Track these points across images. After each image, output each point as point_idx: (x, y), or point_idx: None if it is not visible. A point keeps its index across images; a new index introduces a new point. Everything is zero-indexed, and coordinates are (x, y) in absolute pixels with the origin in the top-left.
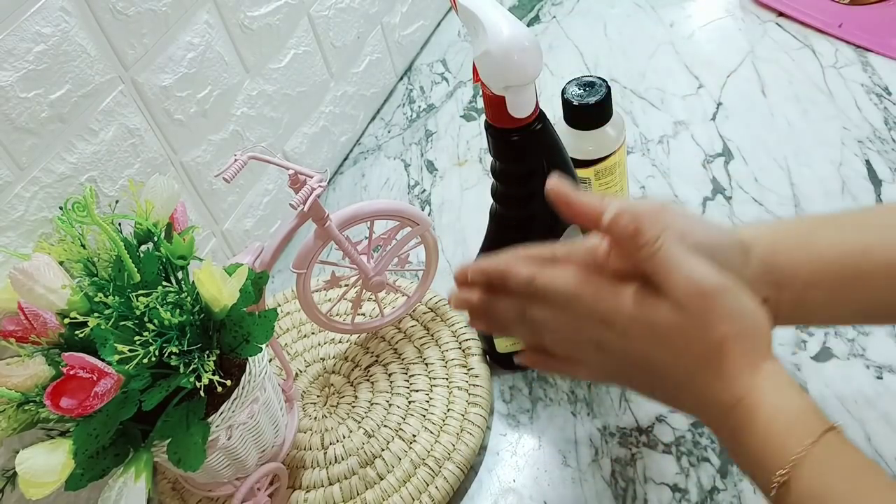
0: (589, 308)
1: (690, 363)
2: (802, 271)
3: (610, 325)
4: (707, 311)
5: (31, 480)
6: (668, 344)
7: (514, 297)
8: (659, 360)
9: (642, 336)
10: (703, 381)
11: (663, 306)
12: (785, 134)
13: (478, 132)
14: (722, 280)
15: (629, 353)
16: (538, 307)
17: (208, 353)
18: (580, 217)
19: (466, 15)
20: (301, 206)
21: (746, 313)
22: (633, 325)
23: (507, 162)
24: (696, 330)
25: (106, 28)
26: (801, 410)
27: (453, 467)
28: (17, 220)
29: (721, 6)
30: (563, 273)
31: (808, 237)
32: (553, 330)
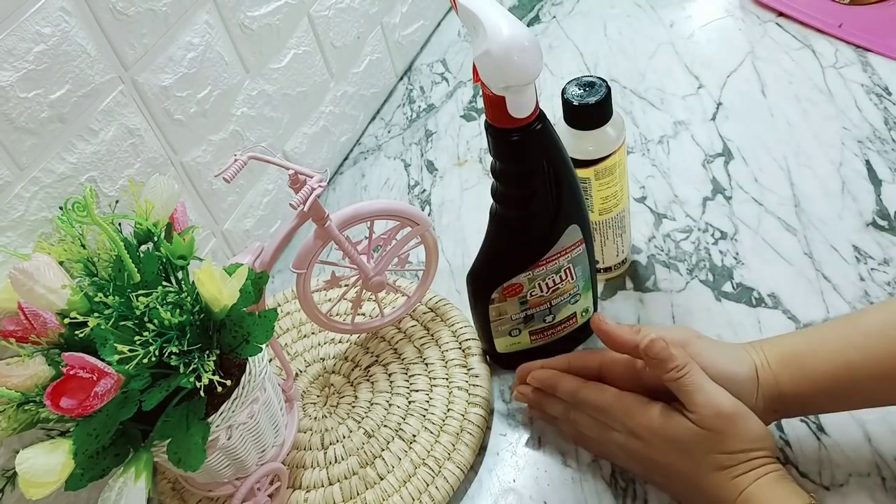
0: (620, 421)
1: (705, 471)
2: (805, 393)
3: (636, 436)
4: (723, 431)
5: (31, 480)
6: (687, 454)
7: (561, 401)
8: (677, 467)
9: (664, 447)
10: (715, 485)
11: (685, 423)
12: (785, 134)
13: (478, 132)
14: (735, 405)
15: (651, 459)
16: (579, 413)
17: (208, 353)
18: (621, 346)
19: (466, 15)
20: (301, 206)
21: (755, 434)
22: (656, 438)
23: (507, 162)
24: (714, 444)
25: (106, 28)
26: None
27: (453, 467)
28: (17, 220)
29: (721, 6)
30: (601, 390)
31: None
32: (589, 430)
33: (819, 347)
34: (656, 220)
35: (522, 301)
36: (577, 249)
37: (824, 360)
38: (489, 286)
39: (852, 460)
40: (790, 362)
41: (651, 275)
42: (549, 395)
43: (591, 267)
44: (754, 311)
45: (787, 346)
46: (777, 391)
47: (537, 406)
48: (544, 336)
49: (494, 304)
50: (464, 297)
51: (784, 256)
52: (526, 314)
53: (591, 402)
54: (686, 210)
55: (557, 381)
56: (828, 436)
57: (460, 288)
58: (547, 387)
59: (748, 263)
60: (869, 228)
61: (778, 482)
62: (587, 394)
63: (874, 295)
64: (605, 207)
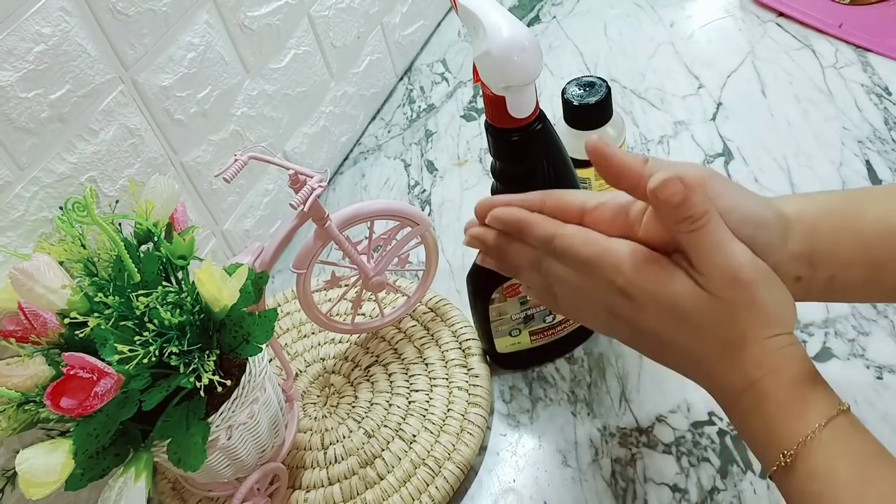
0: (608, 277)
1: (709, 348)
2: (842, 250)
3: (628, 297)
4: (737, 302)
5: (31, 480)
6: (688, 327)
7: (530, 248)
8: (675, 339)
9: (661, 315)
10: (719, 366)
11: (691, 286)
12: (785, 134)
13: (478, 132)
14: (757, 270)
15: (642, 326)
16: (555, 263)
17: (208, 353)
18: (622, 179)
19: (466, 15)
20: (301, 206)
21: (774, 304)
22: (652, 303)
23: (507, 162)
24: (722, 318)
25: (106, 28)
26: (814, 393)
27: (453, 467)
28: (17, 220)
29: (721, 6)
30: (585, 236)
31: (847, 218)
32: (566, 285)
33: (866, 202)
34: None
35: (522, 301)
36: None
37: (873, 217)
38: (489, 286)
39: None
40: (832, 212)
41: None
42: (514, 240)
43: None
44: None
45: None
46: (811, 246)
47: (496, 253)
48: (544, 336)
49: (494, 304)
50: (464, 297)
51: None
52: (526, 314)
53: (573, 253)
54: None
55: (529, 222)
56: None
57: (460, 288)
58: (514, 229)
59: None
60: None
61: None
62: (568, 240)
63: None
64: None
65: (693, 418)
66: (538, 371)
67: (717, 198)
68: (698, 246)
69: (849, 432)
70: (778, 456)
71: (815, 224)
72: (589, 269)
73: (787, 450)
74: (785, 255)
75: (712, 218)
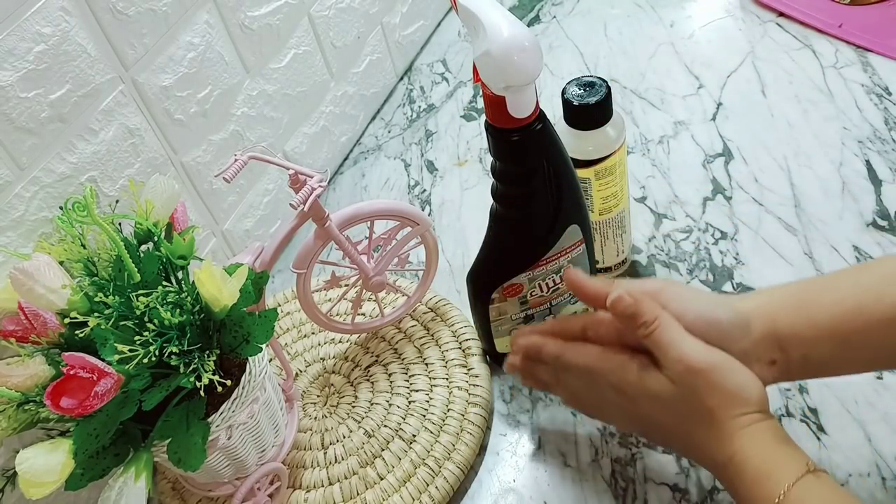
0: (605, 379)
1: (688, 427)
2: (804, 335)
3: (622, 392)
4: (697, 386)
5: (31, 480)
6: (669, 411)
7: (549, 366)
8: (663, 422)
9: (648, 404)
10: (701, 443)
11: (662, 380)
12: (785, 134)
13: (478, 132)
14: (710, 358)
15: (640, 415)
16: (567, 374)
17: (208, 353)
18: (591, 299)
19: (466, 15)
20: (301, 206)
21: (733, 387)
22: (639, 395)
23: (508, 162)
24: (690, 401)
25: (106, 28)
26: (785, 459)
27: (453, 467)
28: (17, 220)
29: (721, 6)
30: (584, 350)
31: (804, 304)
32: (581, 391)
33: (823, 288)
34: (656, 220)
35: (522, 301)
36: (577, 249)
37: (830, 300)
38: (489, 286)
39: (852, 460)
40: (789, 302)
41: (651, 275)
42: (536, 362)
43: (592, 267)
44: None
45: (786, 289)
46: (774, 333)
47: (529, 375)
48: None
49: (494, 304)
50: (464, 297)
51: (784, 256)
52: (526, 314)
53: (575, 364)
54: (686, 210)
55: (541, 345)
56: (828, 435)
57: (460, 288)
58: (532, 353)
59: (748, 263)
60: (869, 229)
61: (773, 442)
62: (570, 355)
63: None
64: (605, 207)
65: None
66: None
67: (671, 302)
68: (656, 345)
69: (816, 489)
70: None
71: (773, 314)
72: (590, 376)
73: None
74: (749, 342)
75: (663, 321)
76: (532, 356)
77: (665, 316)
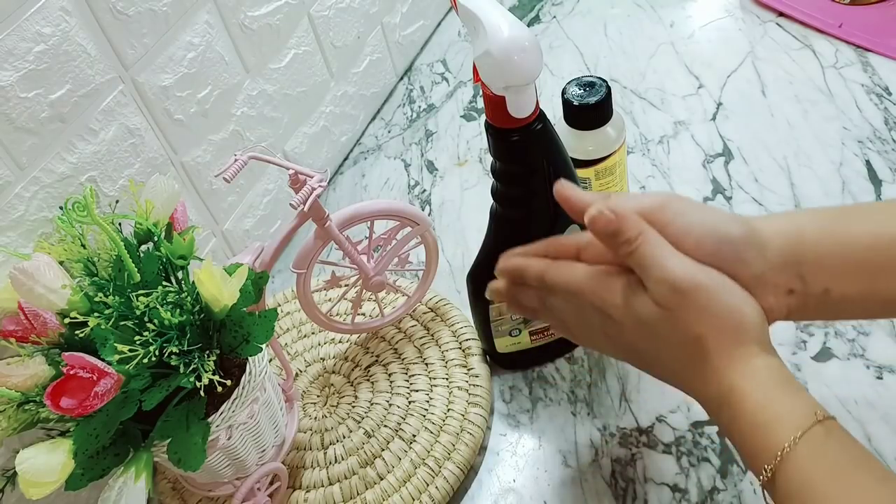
0: (590, 301)
1: (676, 355)
2: (831, 261)
3: (608, 316)
4: (683, 309)
5: (31, 480)
6: (654, 337)
7: (534, 289)
8: (650, 350)
9: (634, 328)
10: (690, 374)
11: (647, 302)
12: (785, 134)
13: (478, 132)
14: (699, 277)
15: (627, 342)
16: (552, 297)
17: (208, 353)
18: (577, 215)
19: (466, 15)
20: (301, 206)
21: (725, 310)
22: (625, 318)
23: (508, 162)
24: (676, 326)
25: (106, 28)
26: (790, 405)
27: (453, 467)
28: (17, 220)
29: (721, 6)
30: (569, 269)
31: (836, 226)
32: (568, 315)
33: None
34: None
35: None
36: None
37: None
38: None
39: None
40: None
41: None
42: (521, 286)
43: None
44: None
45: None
46: (796, 258)
47: (513, 301)
48: (544, 336)
49: (494, 304)
50: (464, 297)
51: None
52: None
53: (561, 284)
54: None
55: (524, 266)
56: None
57: (460, 288)
58: (515, 275)
59: None
60: None
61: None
62: (555, 274)
63: None
64: None
65: (693, 418)
66: (538, 371)
67: (676, 218)
68: (639, 264)
69: (825, 443)
70: (761, 469)
71: (798, 236)
72: (576, 297)
73: (767, 464)
74: (765, 266)
75: (647, 238)
76: (517, 279)
77: (649, 231)
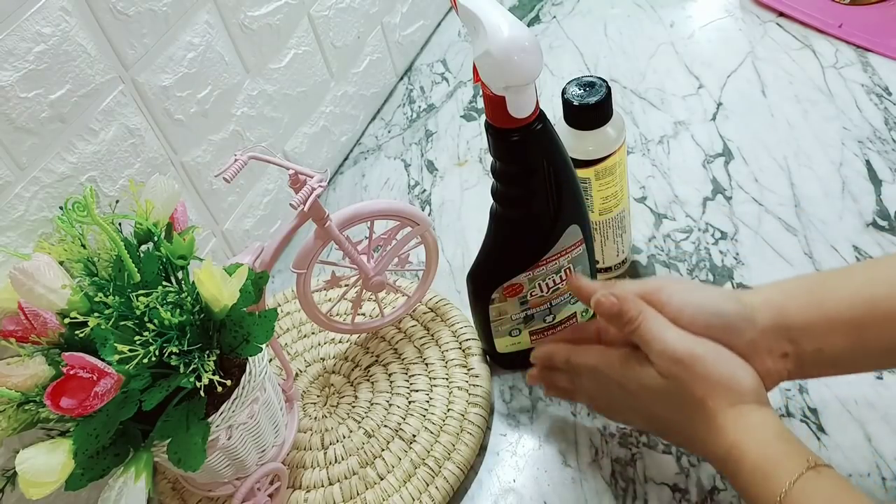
0: (607, 376)
1: (684, 419)
2: (816, 325)
3: (625, 388)
4: (683, 378)
5: (31, 480)
6: (664, 403)
7: (564, 372)
8: (663, 416)
9: (646, 397)
10: (696, 435)
11: (653, 373)
12: (785, 134)
13: (478, 132)
14: (695, 349)
15: (643, 410)
16: (579, 377)
17: (208, 353)
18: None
19: (467, 15)
20: (301, 206)
21: (722, 376)
22: (639, 390)
23: (508, 162)
24: (680, 392)
25: (106, 28)
26: (784, 455)
27: (453, 467)
28: (18, 220)
29: (721, 6)
30: (589, 351)
31: (816, 294)
32: (593, 391)
33: (835, 281)
34: (656, 220)
35: (522, 301)
36: (578, 249)
37: (843, 293)
38: (489, 286)
39: (852, 460)
40: (799, 294)
41: (651, 275)
42: (553, 370)
43: (592, 267)
44: None
45: (796, 281)
46: (783, 324)
47: (549, 384)
48: (544, 336)
49: (494, 304)
50: (464, 297)
51: (784, 257)
52: (526, 314)
53: (583, 364)
54: (686, 210)
55: (553, 351)
56: (828, 436)
57: (460, 288)
58: (546, 360)
59: (748, 263)
60: (869, 229)
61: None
62: (577, 357)
63: None
64: (605, 207)
65: None
66: None
67: (672, 297)
68: (642, 340)
69: (817, 485)
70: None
71: (783, 305)
72: (597, 375)
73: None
74: (757, 333)
75: (647, 317)
76: (548, 364)
77: (648, 311)
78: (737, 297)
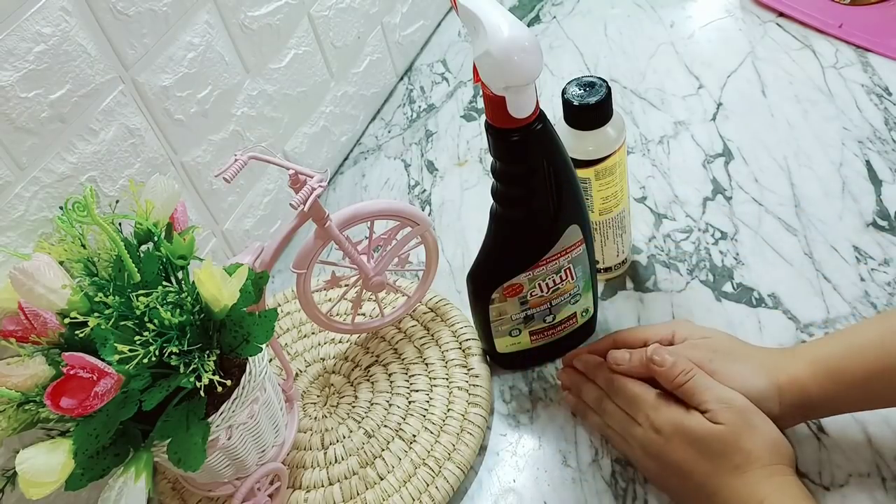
0: (646, 414)
1: (715, 468)
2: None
3: (658, 431)
4: (738, 425)
5: (31, 480)
6: (704, 453)
7: (598, 388)
8: (695, 470)
9: (683, 445)
10: (733, 485)
11: (703, 420)
12: (785, 134)
13: (478, 132)
14: (747, 402)
15: (669, 459)
16: (609, 402)
17: (208, 353)
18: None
19: (467, 15)
20: (301, 206)
21: (771, 432)
22: (676, 435)
23: (508, 162)
24: (730, 442)
25: (106, 28)
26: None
27: (453, 467)
28: (18, 220)
29: (721, 6)
30: (635, 381)
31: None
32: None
33: (852, 353)
34: (656, 220)
35: (522, 301)
36: (578, 249)
37: (858, 365)
38: (489, 286)
39: (852, 460)
40: (819, 370)
41: (651, 275)
42: (587, 381)
43: (592, 267)
44: (754, 311)
45: (819, 354)
46: (802, 398)
47: (575, 390)
48: (544, 336)
49: (494, 304)
50: (464, 297)
51: (784, 257)
52: (526, 314)
53: (625, 391)
54: (686, 210)
55: (597, 363)
56: (828, 436)
57: (460, 288)
58: (589, 371)
59: (748, 264)
60: (869, 229)
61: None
62: (623, 382)
63: (874, 295)
64: (605, 207)
65: None
66: (538, 371)
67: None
68: (695, 389)
69: None
70: None
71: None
72: (633, 405)
73: None
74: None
75: (697, 371)
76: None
77: (698, 369)
78: (772, 376)
